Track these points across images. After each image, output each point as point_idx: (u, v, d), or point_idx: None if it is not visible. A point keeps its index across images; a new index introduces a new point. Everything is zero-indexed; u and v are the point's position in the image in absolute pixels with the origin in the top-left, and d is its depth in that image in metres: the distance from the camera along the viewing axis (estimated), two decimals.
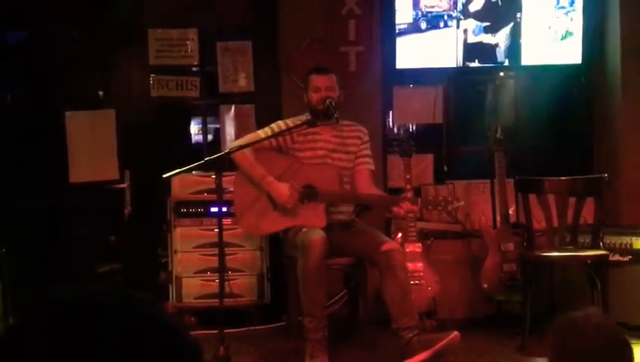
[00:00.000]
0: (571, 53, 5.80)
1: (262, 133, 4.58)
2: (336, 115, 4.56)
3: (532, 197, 4.90)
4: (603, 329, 1.95)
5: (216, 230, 4.23)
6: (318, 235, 4.27)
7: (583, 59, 5.81)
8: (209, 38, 5.88)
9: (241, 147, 4.47)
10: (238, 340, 4.78)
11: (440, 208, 4.45)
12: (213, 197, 4.55)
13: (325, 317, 4.33)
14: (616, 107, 5.85)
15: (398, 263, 4.34)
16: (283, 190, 4.46)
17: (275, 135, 4.52)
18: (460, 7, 5.73)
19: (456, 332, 4.23)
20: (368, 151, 4.74)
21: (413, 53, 5.74)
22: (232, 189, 4.68)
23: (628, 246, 5.02)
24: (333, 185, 4.51)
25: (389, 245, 4.41)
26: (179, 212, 5.30)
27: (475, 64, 5.80)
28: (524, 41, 5.76)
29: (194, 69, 5.90)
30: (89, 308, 0.99)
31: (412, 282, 4.91)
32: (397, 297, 4.30)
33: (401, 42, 5.72)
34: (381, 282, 4.38)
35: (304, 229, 4.36)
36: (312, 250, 4.21)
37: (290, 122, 4.57)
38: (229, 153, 4.40)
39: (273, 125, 4.60)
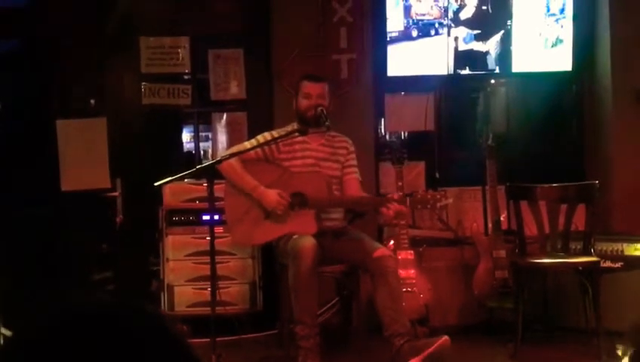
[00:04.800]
0: (562, 61, 5.82)
1: (248, 144, 4.60)
2: (327, 123, 4.57)
3: (523, 204, 4.91)
4: None
5: (208, 238, 4.23)
6: (309, 242, 4.27)
7: (573, 67, 5.83)
8: (201, 45, 5.88)
9: (232, 155, 4.48)
10: (231, 348, 4.77)
11: (429, 206, 4.44)
12: (205, 205, 4.55)
13: (317, 325, 4.33)
14: (607, 114, 5.87)
15: (390, 270, 4.34)
16: (273, 196, 4.47)
17: (262, 144, 4.53)
18: (450, 14, 5.75)
19: (446, 337, 4.23)
20: (355, 162, 4.77)
21: (404, 60, 5.75)
22: (223, 198, 4.68)
23: (619, 252, 5.03)
24: (322, 192, 4.52)
25: (381, 251, 4.42)
26: (171, 220, 5.30)
27: (466, 71, 5.82)
28: (515, 48, 5.78)
29: (186, 76, 5.89)
30: (97, 319, 0.99)
31: (404, 289, 4.92)
32: (388, 304, 4.31)
33: (392, 50, 5.73)
34: (373, 288, 4.39)
35: (295, 236, 4.36)
36: (304, 256, 4.22)
37: (275, 133, 4.60)
38: (221, 161, 4.40)
39: (259, 136, 4.62)
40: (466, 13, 5.76)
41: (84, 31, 5.74)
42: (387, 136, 6.08)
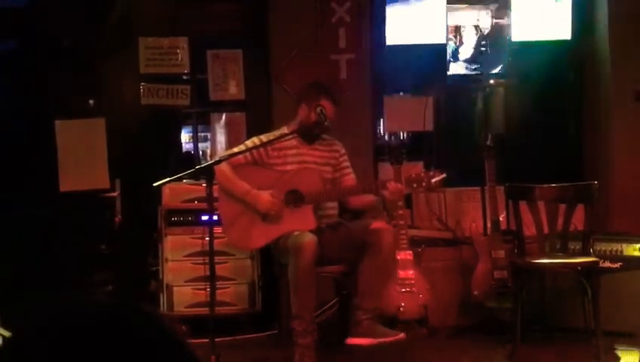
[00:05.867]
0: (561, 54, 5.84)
1: (237, 149, 4.60)
2: (326, 123, 4.59)
3: (522, 205, 4.91)
4: None
5: (207, 238, 4.22)
6: (309, 238, 4.29)
7: (572, 66, 5.84)
8: (199, 46, 5.88)
9: (230, 156, 4.49)
10: (230, 349, 4.77)
11: (424, 184, 4.47)
12: (204, 205, 4.54)
13: (314, 321, 4.34)
14: (606, 114, 5.87)
15: (384, 242, 4.38)
16: (265, 197, 4.49)
17: (256, 147, 4.54)
18: (449, 53, 5.79)
19: (402, 334, 4.28)
20: (348, 163, 4.80)
21: (403, 26, 5.72)
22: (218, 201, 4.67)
23: (618, 252, 5.03)
24: (317, 186, 4.54)
25: (378, 224, 4.46)
26: (170, 220, 5.30)
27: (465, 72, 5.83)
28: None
29: (184, 77, 5.89)
30: (97, 319, 0.99)
31: (403, 289, 4.93)
32: (371, 275, 4.37)
33: (390, 13, 5.70)
34: (365, 260, 4.40)
35: (295, 233, 4.37)
36: (304, 251, 4.23)
37: (264, 138, 4.60)
38: (220, 161, 4.40)
39: (248, 141, 4.64)
40: (464, 54, 5.79)
41: (84, 31, 5.74)
42: (386, 137, 6.08)
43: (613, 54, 5.77)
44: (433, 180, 4.44)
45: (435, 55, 5.81)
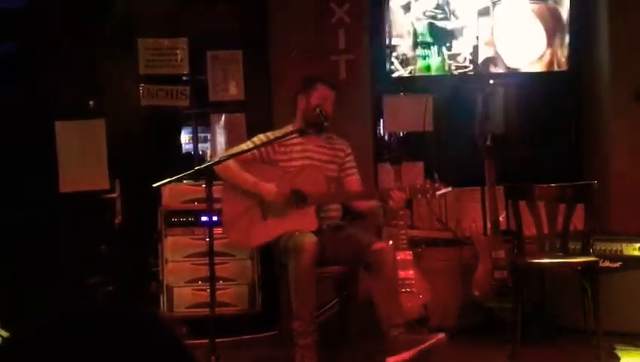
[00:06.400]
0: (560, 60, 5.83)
1: (245, 146, 4.60)
2: (326, 124, 4.59)
3: (522, 205, 4.91)
4: None
5: (207, 239, 4.23)
6: (309, 238, 4.29)
7: (572, 67, 5.83)
8: (199, 46, 5.88)
9: (230, 156, 4.49)
10: (230, 349, 4.77)
11: (429, 195, 4.48)
12: (204, 206, 4.55)
13: (315, 322, 4.35)
14: (606, 114, 5.87)
15: (387, 262, 4.37)
16: (271, 188, 4.49)
17: (261, 145, 4.54)
18: None
19: (442, 335, 4.25)
20: (354, 163, 4.79)
21: None
22: (221, 202, 4.67)
23: (618, 252, 5.03)
24: (321, 186, 4.54)
25: (379, 245, 4.44)
26: (170, 221, 5.30)
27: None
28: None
29: (184, 78, 5.89)
30: (96, 319, 1.00)
31: (403, 290, 4.92)
32: (385, 296, 4.34)
33: None
34: (370, 281, 4.40)
35: (296, 233, 4.37)
36: (304, 252, 4.23)
37: (271, 135, 4.61)
38: (219, 162, 4.40)
39: (255, 138, 4.63)
40: None
41: (84, 32, 5.75)
42: (386, 137, 6.08)
43: (613, 54, 5.77)
44: (438, 193, 4.43)
45: None
